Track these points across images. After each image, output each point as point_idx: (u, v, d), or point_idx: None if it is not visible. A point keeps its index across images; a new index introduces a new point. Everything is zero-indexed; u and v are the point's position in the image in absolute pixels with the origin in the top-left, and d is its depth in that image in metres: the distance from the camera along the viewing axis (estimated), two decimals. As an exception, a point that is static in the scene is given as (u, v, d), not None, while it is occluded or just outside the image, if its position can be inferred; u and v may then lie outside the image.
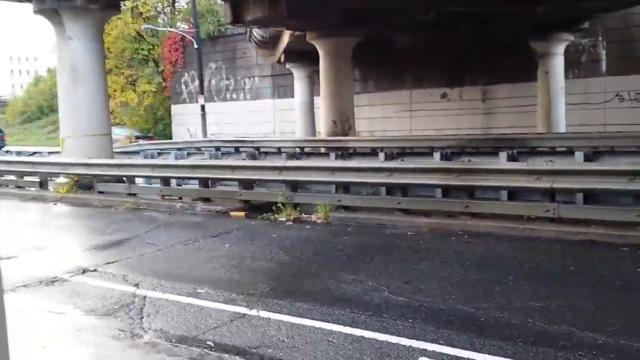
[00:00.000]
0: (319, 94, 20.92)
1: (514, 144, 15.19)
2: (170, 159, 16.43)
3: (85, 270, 7.08)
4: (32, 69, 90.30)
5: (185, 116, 34.04)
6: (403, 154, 14.82)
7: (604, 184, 7.95)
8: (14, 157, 20.85)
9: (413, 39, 23.34)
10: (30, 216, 12.26)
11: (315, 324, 4.96)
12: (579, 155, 10.72)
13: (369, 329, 4.78)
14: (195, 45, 28.27)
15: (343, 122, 19.12)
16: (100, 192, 13.66)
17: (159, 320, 5.25)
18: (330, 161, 13.11)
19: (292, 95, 28.64)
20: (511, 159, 10.99)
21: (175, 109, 35.49)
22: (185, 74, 34.50)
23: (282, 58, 26.76)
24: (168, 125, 36.14)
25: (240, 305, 5.52)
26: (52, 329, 5.20)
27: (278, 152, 18.28)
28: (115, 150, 17.21)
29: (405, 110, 26.01)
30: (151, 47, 36.26)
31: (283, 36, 23.64)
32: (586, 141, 14.92)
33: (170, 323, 5.16)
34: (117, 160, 14.07)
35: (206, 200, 11.90)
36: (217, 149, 20.25)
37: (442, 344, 4.43)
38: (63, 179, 14.57)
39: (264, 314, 5.26)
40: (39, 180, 15.22)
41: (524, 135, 18.06)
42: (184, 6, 40.14)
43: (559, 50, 20.59)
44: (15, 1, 16.05)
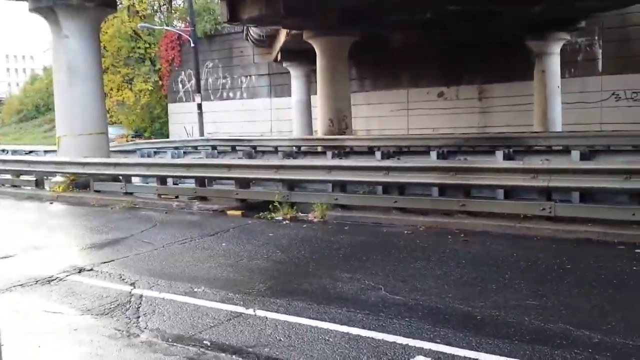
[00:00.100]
0: (315, 93, 20.94)
1: (511, 142, 15.23)
2: (166, 158, 16.43)
3: (81, 270, 7.06)
4: (29, 67, 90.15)
5: (181, 115, 34.01)
6: (400, 152, 14.85)
7: (600, 182, 7.97)
8: (9, 156, 20.78)
9: (410, 38, 23.35)
10: (26, 215, 12.22)
11: (312, 322, 4.96)
12: (575, 154, 10.75)
13: (365, 328, 4.78)
14: (192, 44, 28.22)
15: (340, 121, 19.15)
16: (97, 191, 13.65)
17: (155, 319, 5.24)
18: (327, 160, 13.11)
19: (289, 94, 28.63)
20: (507, 157, 11.01)
21: (172, 108, 35.46)
22: (182, 72, 34.46)
23: (279, 57, 26.75)
24: (165, 124, 36.11)
25: (237, 304, 5.52)
26: (48, 328, 5.18)
27: (275, 151, 18.26)
28: (112, 149, 17.17)
29: (402, 109, 26.03)
30: (148, 46, 36.18)
31: (280, 35, 23.65)
32: (582, 140, 14.97)
33: (166, 322, 5.15)
34: (113, 159, 14.04)
35: (203, 199, 11.89)
36: (214, 147, 20.24)
37: (439, 343, 4.43)
38: (59, 178, 14.55)
39: (261, 313, 5.26)
40: (35, 179, 15.21)
41: (521, 134, 18.11)
42: (180, 4, 40.13)
43: (556, 49, 20.63)
44: (11, -1, 16.01)
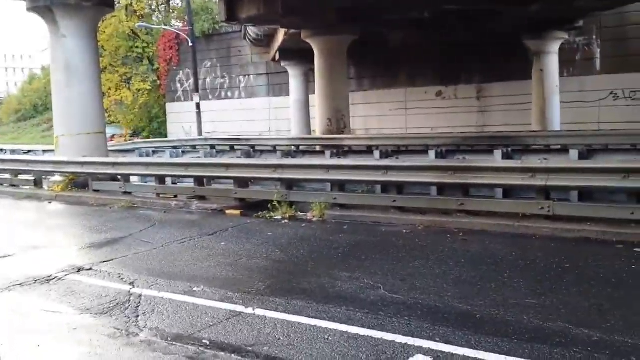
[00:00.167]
0: (314, 92, 20.95)
1: (509, 141, 15.24)
2: (165, 157, 16.43)
3: (80, 269, 7.06)
4: (27, 67, 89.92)
5: (180, 114, 33.99)
6: (398, 152, 14.88)
7: (598, 181, 7.97)
8: (8, 156, 20.77)
9: (408, 38, 23.37)
10: (25, 215, 12.21)
11: (311, 321, 4.96)
12: (573, 153, 10.79)
13: (364, 327, 4.78)
14: (190, 44, 28.22)
15: (338, 120, 19.15)
16: (95, 191, 13.63)
17: (154, 318, 5.24)
18: (326, 159, 13.12)
19: (288, 94, 28.62)
20: (506, 156, 11.05)
21: (170, 107, 35.43)
22: (180, 72, 34.44)
23: (277, 56, 26.74)
24: (163, 123, 36.07)
25: (236, 303, 5.52)
26: (47, 327, 5.18)
27: (273, 150, 18.28)
28: (110, 148, 17.16)
29: (401, 108, 26.04)
30: (146, 45, 36.13)
31: (278, 34, 23.64)
32: (580, 139, 14.99)
33: (165, 321, 5.15)
34: (112, 159, 14.03)
35: (201, 198, 11.88)
36: (212, 147, 20.25)
37: (438, 341, 4.44)
38: (58, 178, 14.53)
39: (260, 312, 5.26)
40: (33, 178, 15.19)
41: (519, 133, 18.13)
42: (178, 4, 40.14)
43: (554, 48, 20.66)
44: (9, -1, 16.00)
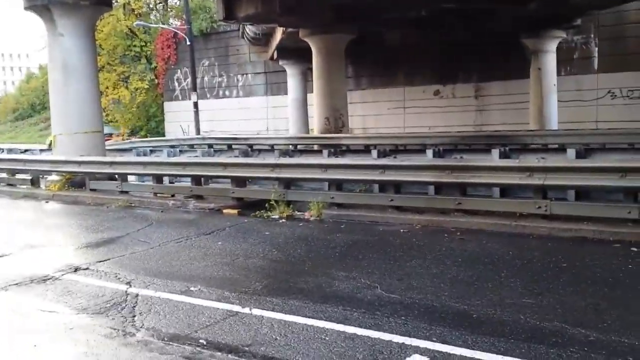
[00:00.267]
0: (312, 91, 20.93)
1: (507, 141, 15.26)
2: (162, 157, 16.41)
3: (77, 269, 7.05)
4: (24, 65, 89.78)
5: (178, 113, 33.95)
6: (396, 151, 14.89)
7: (595, 180, 7.97)
8: (5, 155, 20.73)
9: (406, 37, 23.38)
10: (22, 214, 12.19)
11: (308, 321, 4.96)
12: (571, 152, 10.80)
13: (361, 327, 4.78)
14: (188, 42, 28.16)
15: (336, 119, 19.15)
16: (92, 190, 13.60)
17: (151, 318, 5.23)
18: (323, 158, 13.11)
19: (285, 93, 28.60)
20: (503, 156, 11.06)
21: (168, 106, 35.38)
22: (178, 70, 34.39)
23: (275, 55, 26.72)
24: (161, 122, 36.02)
25: (233, 303, 5.51)
26: (44, 327, 5.16)
27: (271, 150, 18.27)
28: (108, 147, 17.13)
29: (398, 107, 26.04)
30: (143, 44, 36.09)
31: (276, 33, 23.61)
32: (578, 138, 15.01)
33: (162, 321, 5.14)
34: (109, 158, 14.00)
35: (199, 197, 11.87)
36: (210, 146, 20.23)
37: (435, 341, 4.44)
38: (55, 177, 14.50)
39: (257, 311, 5.25)
40: (30, 178, 15.15)
41: (517, 132, 18.13)
42: (176, 3, 40.07)
43: (551, 47, 20.67)
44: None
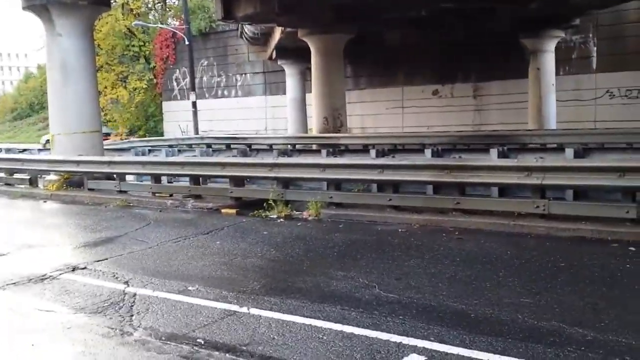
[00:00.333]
0: (310, 91, 20.91)
1: (505, 140, 15.26)
2: (161, 156, 16.39)
3: (75, 268, 7.04)
4: (23, 65, 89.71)
5: (176, 113, 33.93)
6: (394, 150, 14.86)
7: (593, 180, 7.98)
8: (3, 155, 20.69)
9: (405, 36, 23.37)
10: (20, 214, 12.18)
11: (306, 321, 4.95)
12: (569, 151, 10.78)
13: (359, 326, 4.78)
14: (187, 42, 28.15)
15: (335, 119, 19.13)
16: (91, 190, 13.60)
17: (148, 317, 5.22)
18: (322, 158, 13.11)
19: (284, 92, 28.58)
20: (502, 155, 11.04)
21: (167, 106, 35.37)
22: (177, 70, 34.38)
23: (274, 55, 26.69)
24: (159, 122, 36.02)
25: (230, 302, 5.51)
26: (42, 327, 5.16)
27: (269, 149, 18.25)
28: (106, 147, 17.11)
29: (397, 107, 26.04)
30: (142, 44, 36.08)
31: (274, 33, 23.60)
32: (577, 137, 15.03)
33: (160, 321, 5.14)
34: (107, 158, 13.99)
35: (197, 197, 11.86)
36: (209, 145, 20.23)
37: (433, 341, 4.44)
38: (53, 177, 14.49)
39: (255, 311, 5.25)
40: (28, 177, 15.14)
41: (515, 131, 18.13)
42: (175, 2, 40.03)
43: (550, 47, 20.67)
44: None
